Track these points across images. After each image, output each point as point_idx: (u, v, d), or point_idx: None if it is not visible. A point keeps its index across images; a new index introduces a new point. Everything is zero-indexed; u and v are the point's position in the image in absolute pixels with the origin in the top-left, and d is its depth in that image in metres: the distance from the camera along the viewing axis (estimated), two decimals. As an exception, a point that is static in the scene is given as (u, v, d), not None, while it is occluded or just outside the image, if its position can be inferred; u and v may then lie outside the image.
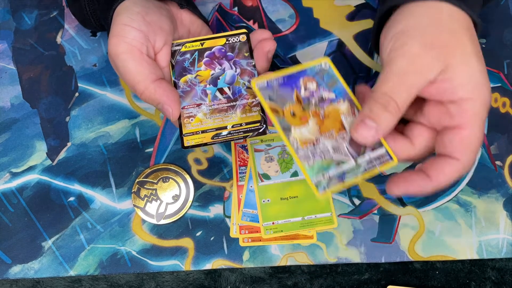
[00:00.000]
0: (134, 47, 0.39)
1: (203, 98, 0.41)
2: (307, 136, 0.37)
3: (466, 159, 0.34)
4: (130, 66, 0.39)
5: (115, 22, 0.40)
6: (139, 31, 0.39)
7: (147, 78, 0.39)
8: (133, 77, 0.39)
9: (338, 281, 0.49)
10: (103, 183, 0.50)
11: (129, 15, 0.39)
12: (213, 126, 0.41)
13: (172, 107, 0.39)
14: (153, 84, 0.39)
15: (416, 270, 0.49)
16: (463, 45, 0.34)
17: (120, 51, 0.39)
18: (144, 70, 0.39)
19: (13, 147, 0.51)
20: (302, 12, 0.55)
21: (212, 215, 0.50)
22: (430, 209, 0.50)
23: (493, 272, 0.49)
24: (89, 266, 0.48)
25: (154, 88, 0.39)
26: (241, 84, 0.41)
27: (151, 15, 0.40)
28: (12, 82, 0.53)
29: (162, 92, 0.39)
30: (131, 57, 0.39)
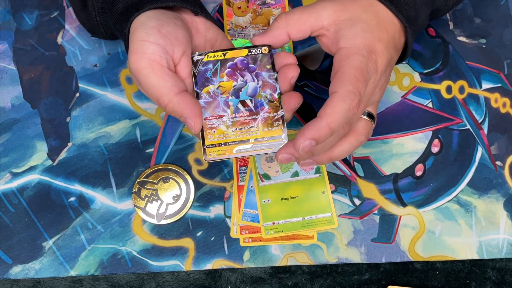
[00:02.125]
0: (154, 61, 0.39)
1: (225, 110, 0.41)
2: (241, 23, 0.53)
3: (342, 89, 0.38)
4: (153, 81, 0.39)
5: (132, 39, 0.40)
6: (157, 45, 0.39)
7: (170, 91, 0.39)
8: (156, 91, 0.39)
9: (339, 281, 0.49)
10: (103, 183, 0.50)
11: (145, 30, 0.40)
12: (235, 139, 0.41)
13: (194, 120, 0.40)
14: (176, 97, 0.39)
15: (417, 270, 0.49)
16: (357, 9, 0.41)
17: (141, 67, 0.39)
18: (166, 83, 0.39)
19: (13, 147, 0.51)
20: (303, 13, 0.55)
21: (213, 215, 0.50)
22: (431, 209, 0.50)
23: (494, 272, 0.49)
24: (90, 266, 0.48)
25: (177, 101, 0.39)
26: (263, 97, 0.41)
27: (166, 27, 0.40)
28: (13, 82, 0.53)
29: (184, 105, 0.40)
30: (152, 72, 0.39)
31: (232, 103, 0.41)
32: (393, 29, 0.42)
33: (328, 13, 0.41)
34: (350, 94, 0.38)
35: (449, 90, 0.53)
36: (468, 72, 0.54)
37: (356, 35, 0.40)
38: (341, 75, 0.39)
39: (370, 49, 0.40)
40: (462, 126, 0.52)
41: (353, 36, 0.40)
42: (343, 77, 0.38)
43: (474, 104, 0.53)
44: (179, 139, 0.51)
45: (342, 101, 0.38)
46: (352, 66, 0.39)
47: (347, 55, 0.39)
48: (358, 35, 0.40)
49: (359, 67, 0.39)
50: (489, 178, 0.51)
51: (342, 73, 0.39)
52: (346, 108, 0.38)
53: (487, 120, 0.52)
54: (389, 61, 0.42)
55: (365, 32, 0.40)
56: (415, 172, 0.51)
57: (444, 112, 0.53)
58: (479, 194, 0.51)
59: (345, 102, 0.38)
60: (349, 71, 0.39)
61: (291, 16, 0.41)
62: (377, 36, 0.41)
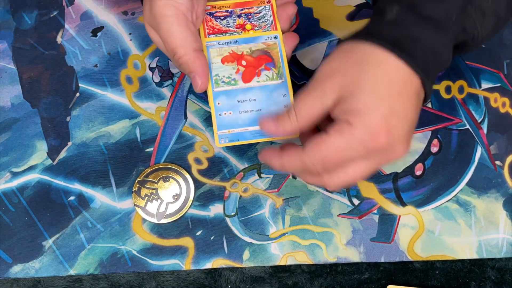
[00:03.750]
0: (181, 12, 0.40)
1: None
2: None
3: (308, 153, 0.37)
4: (176, 31, 0.40)
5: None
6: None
7: (189, 45, 0.40)
8: (177, 41, 0.40)
9: (338, 281, 0.49)
10: (103, 183, 0.50)
11: None
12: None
13: (203, 79, 0.41)
14: (194, 52, 0.40)
15: (416, 269, 0.49)
16: (358, 77, 0.35)
17: (167, 13, 0.39)
18: (189, 37, 0.40)
19: (13, 146, 0.51)
20: (302, 12, 0.55)
21: (212, 215, 0.50)
22: (430, 209, 0.50)
23: (493, 271, 0.49)
24: (89, 266, 0.48)
25: (193, 57, 0.40)
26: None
27: None
28: (12, 81, 0.53)
29: (199, 63, 0.41)
30: (177, 22, 0.40)
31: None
32: (407, 85, 0.36)
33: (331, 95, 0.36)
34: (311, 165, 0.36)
35: (448, 90, 0.53)
36: (468, 72, 0.54)
37: (361, 112, 0.35)
38: (320, 142, 0.36)
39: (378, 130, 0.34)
40: (462, 126, 0.52)
41: (358, 113, 0.35)
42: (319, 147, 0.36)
43: (474, 104, 0.53)
44: (178, 139, 0.51)
45: (301, 163, 0.37)
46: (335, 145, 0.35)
47: (341, 131, 0.35)
48: (364, 112, 0.35)
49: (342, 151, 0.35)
50: (488, 178, 0.51)
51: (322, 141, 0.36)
52: (301, 169, 0.37)
53: (486, 120, 0.52)
54: (411, 124, 0.36)
55: (373, 108, 0.35)
56: (415, 171, 0.51)
57: (443, 112, 0.53)
58: (479, 194, 0.51)
59: (303, 166, 0.37)
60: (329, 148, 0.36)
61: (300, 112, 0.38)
62: (390, 108, 0.35)
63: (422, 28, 0.36)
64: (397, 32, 0.36)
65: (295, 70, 0.53)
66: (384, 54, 0.35)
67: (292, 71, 0.53)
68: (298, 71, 0.53)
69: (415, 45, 0.35)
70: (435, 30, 0.36)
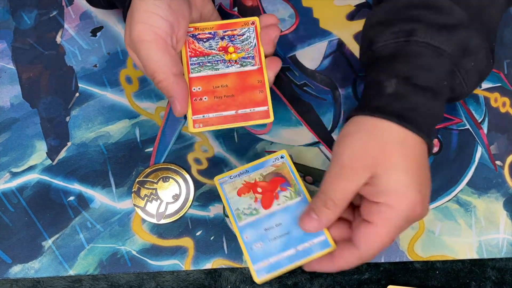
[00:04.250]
0: (160, 37, 0.40)
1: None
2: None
3: (365, 251, 0.38)
4: (154, 56, 0.40)
5: (139, 8, 0.40)
6: (166, 20, 0.40)
7: (169, 70, 0.40)
8: (156, 66, 0.40)
9: (338, 281, 0.49)
10: (103, 183, 0.50)
11: (154, 2, 0.39)
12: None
13: (182, 104, 0.41)
14: (173, 77, 0.40)
15: (416, 270, 0.49)
16: (389, 156, 0.37)
17: (146, 39, 0.39)
18: (168, 62, 0.40)
19: (13, 147, 0.51)
20: (302, 12, 0.55)
21: (212, 215, 0.50)
22: (430, 209, 0.50)
23: (493, 272, 0.49)
24: (89, 266, 0.48)
25: (172, 82, 0.40)
26: None
27: (175, 2, 0.40)
28: (12, 81, 0.53)
29: (178, 88, 0.41)
30: (156, 47, 0.39)
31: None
32: (424, 156, 0.39)
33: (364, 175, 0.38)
34: (370, 256, 0.38)
35: (449, 90, 0.53)
36: (468, 71, 0.54)
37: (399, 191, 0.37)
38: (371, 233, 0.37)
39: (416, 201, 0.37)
40: (462, 126, 0.52)
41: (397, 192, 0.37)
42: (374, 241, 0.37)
43: (474, 104, 0.53)
44: (178, 139, 0.51)
45: (358, 260, 0.38)
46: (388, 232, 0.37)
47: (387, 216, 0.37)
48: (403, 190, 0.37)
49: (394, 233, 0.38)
50: (488, 178, 0.51)
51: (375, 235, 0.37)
52: (360, 263, 0.39)
53: (486, 120, 0.52)
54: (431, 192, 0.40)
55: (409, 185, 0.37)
56: (415, 171, 0.51)
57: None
58: (479, 194, 0.51)
59: (363, 261, 0.38)
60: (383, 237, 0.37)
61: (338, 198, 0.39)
62: (420, 181, 0.38)
63: (420, 98, 0.39)
64: (398, 105, 0.39)
65: (295, 70, 0.53)
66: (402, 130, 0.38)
67: (292, 71, 0.53)
68: (298, 71, 0.53)
69: (416, 114, 0.39)
70: (431, 97, 0.39)
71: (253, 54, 0.44)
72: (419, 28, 0.40)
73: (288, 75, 0.53)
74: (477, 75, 0.44)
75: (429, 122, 0.40)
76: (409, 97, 0.39)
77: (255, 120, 0.43)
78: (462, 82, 0.43)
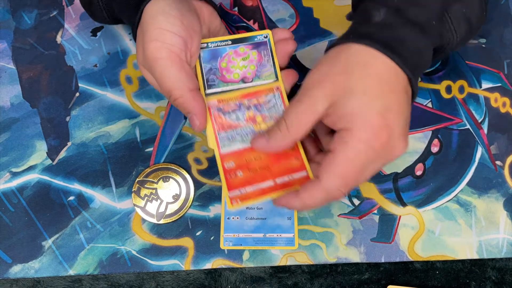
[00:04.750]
0: (174, 54, 0.39)
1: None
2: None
3: (326, 181, 0.36)
4: (170, 73, 0.39)
5: (151, 26, 0.39)
6: (179, 37, 0.39)
7: (184, 86, 0.39)
8: (172, 84, 0.39)
9: (338, 281, 0.49)
10: (103, 183, 0.50)
11: (166, 18, 0.39)
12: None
13: (201, 119, 0.40)
14: (190, 93, 0.40)
15: (417, 270, 0.49)
16: (348, 80, 0.36)
17: (160, 56, 0.39)
18: (183, 78, 0.39)
19: (13, 146, 0.51)
20: (302, 12, 0.55)
21: (212, 215, 0.50)
22: (430, 209, 0.50)
23: (493, 272, 0.49)
24: (89, 266, 0.48)
25: (189, 98, 0.40)
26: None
27: (186, 18, 0.40)
28: (12, 81, 0.53)
29: (195, 103, 0.40)
30: (171, 64, 0.39)
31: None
32: (397, 81, 0.37)
33: (322, 102, 0.36)
34: (335, 190, 0.36)
35: (449, 90, 0.53)
36: (468, 71, 0.54)
37: (358, 114, 0.35)
38: (332, 163, 0.36)
39: (378, 126, 0.35)
40: (462, 126, 0.52)
41: (355, 115, 0.35)
42: (334, 168, 0.36)
43: (474, 104, 0.53)
44: (178, 139, 0.51)
45: (323, 193, 0.36)
46: (347, 158, 0.35)
47: (345, 140, 0.35)
48: (361, 113, 0.35)
49: (355, 161, 0.35)
50: (489, 178, 0.51)
51: (334, 162, 0.36)
52: (325, 198, 0.36)
53: (487, 120, 0.52)
54: (406, 120, 0.37)
55: (368, 107, 0.35)
56: (415, 171, 0.51)
57: (443, 112, 0.53)
58: (479, 194, 0.51)
59: (327, 195, 0.36)
60: (342, 164, 0.35)
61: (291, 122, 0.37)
62: (385, 104, 0.35)
63: (409, 31, 0.37)
64: (386, 34, 0.37)
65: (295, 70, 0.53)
66: (371, 54, 0.36)
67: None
68: (298, 71, 0.53)
69: (403, 46, 0.37)
70: (419, 33, 0.38)
71: None
72: None
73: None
74: (467, 24, 0.42)
75: (414, 58, 0.37)
76: (397, 28, 0.37)
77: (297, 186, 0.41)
78: (452, 28, 0.42)
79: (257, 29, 0.54)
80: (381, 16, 0.38)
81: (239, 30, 0.54)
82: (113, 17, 0.47)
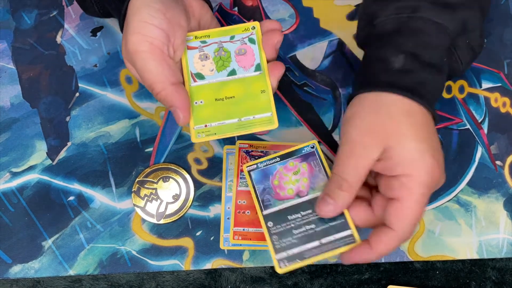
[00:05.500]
0: (155, 47, 0.39)
1: None
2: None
3: (401, 229, 0.37)
4: (151, 66, 0.39)
5: (134, 18, 0.39)
6: (161, 30, 0.39)
7: (166, 79, 0.39)
8: (153, 77, 0.39)
9: (339, 281, 0.49)
10: (103, 183, 0.50)
11: (149, 11, 0.39)
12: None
13: (184, 113, 0.40)
14: (172, 86, 0.39)
15: (417, 270, 0.49)
16: (399, 127, 0.38)
17: (141, 49, 0.38)
18: (165, 71, 0.39)
19: (13, 146, 0.51)
20: (302, 12, 0.55)
21: (212, 215, 0.50)
22: (430, 209, 0.50)
23: (494, 272, 0.49)
24: (89, 266, 0.48)
25: (171, 91, 0.39)
26: None
27: (170, 11, 0.40)
28: (12, 81, 0.53)
29: (178, 96, 0.40)
30: (152, 57, 0.39)
31: None
32: (431, 124, 0.40)
33: (376, 149, 0.38)
34: (407, 233, 0.38)
35: (449, 90, 0.53)
36: (468, 71, 0.54)
37: (416, 158, 0.37)
38: (402, 211, 0.37)
39: (432, 166, 0.37)
40: (462, 126, 0.52)
41: (414, 160, 0.37)
42: (405, 216, 0.37)
43: (474, 104, 0.53)
44: (178, 139, 0.51)
45: (398, 241, 0.38)
46: (416, 203, 0.37)
47: (408, 186, 0.37)
48: (419, 157, 0.37)
49: (421, 203, 0.37)
50: (489, 178, 0.51)
51: (403, 209, 0.37)
52: (399, 244, 0.38)
53: (487, 120, 0.52)
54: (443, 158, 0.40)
55: (423, 151, 0.37)
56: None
57: (443, 111, 0.53)
58: (479, 194, 0.50)
59: (402, 241, 0.38)
60: (411, 210, 0.37)
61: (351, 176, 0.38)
62: (432, 146, 0.38)
63: (427, 73, 0.40)
64: (408, 80, 0.39)
65: (295, 70, 0.53)
66: (405, 102, 0.39)
67: (292, 71, 0.53)
68: (298, 71, 0.53)
69: (425, 89, 0.39)
70: (436, 74, 0.41)
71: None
72: (424, 5, 0.41)
73: (288, 75, 0.53)
74: (471, 52, 0.45)
75: (433, 96, 0.41)
76: (418, 73, 0.39)
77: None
78: (458, 59, 0.45)
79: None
80: (401, 63, 0.40)
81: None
82: (104, 11, 0.47)
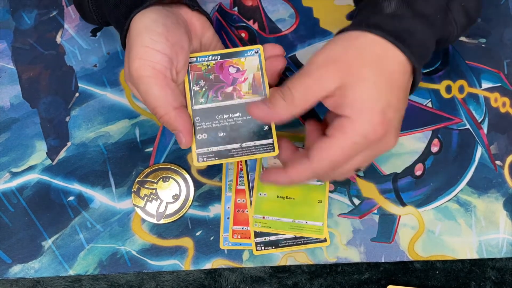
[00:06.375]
0: (158, 72, 0.39)
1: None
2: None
3: (316, 161, 0.37)
4: (154, 91, 0.39)
5: (136, 43, 0.39)
6: (164, 55, 0.39)
7: (169, 104, 0.39)
8: (156, 101, 0.39)
9: (338, 281, 0.49)
10: (102, 183, 0.50)
11: (151, 36, 0.39)
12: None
13: (186, 137, 0.41)
14: (175, 111, 0.40)
15: (416, 269, 0.49)
16: (361, 70, 0.36)
17: (144, 74, 0.39)
18: (168, 96, 0.39)
19: (13, 147, 0.51)
20: (302, 12, 0.55)
21: (212, 215, 0.50)
22: (430, 209, 0.50)
23: (493, 271, 0.49)
24: (89, 266, 0.48)
25: (174, 116, 0.40)
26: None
27: (172, 34, 0.40)
28: (12, 81, 0.53)
29: (181, 121, 0.40)
30: (155, 82, 0.39)
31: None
32: (403, 77, 0.38)
33: (333, 81, 0.36)
34: (322, 172, 0.37)
35: (449, 90, 0.53)
36: (468, 71, 0.54)
37: (363, 104, 0.36)
38: (326, 148, 0.37)
39: (378, 121, 0.36)
40: (462, 126, 0.52)
41: (360, 105, 0.36)
42: (326, 153, 0.37)
43: (474, 104, 0.53)
44: (178, 139, 0.51)
45: (310, 172, 0.38)
46: (342, 147, 0.36)
47: (344, 129, 0.36)
48: (366, 105, 0.36)
49: (349, 150, 0.36)
50: (488, 178, 0.51)
51: (328, 147, 0.37)
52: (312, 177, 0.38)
53: (486, 120, 0.52)
54: (402, 117, 0.39)
55: (374, 101, 0.36)
56: (415, 171, 0.51)
57: (443, 111, 0.53)
58: (479, 194, 0.51)
59: (315, 175, 0.38)
60: (335, 151, 0.36)
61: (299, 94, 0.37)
62: (388, 101, 0.36)
63: (417, 23, 0.38)
64: (397, 25, 0.38)
65: (294, 70, 0.53)
66: (384, 46, 0.37)
67: (292, 71, 0.53)
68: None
69: (412, 38, 0.38)
70: (426, 25, 0.39)
71: None
72: None
73: (288, 75, 0.53)
74: (466, 16, 0.43)
75: (421, 50, 0.39)
76: (408, 20, 0.38)
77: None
78: (453, 20, 0.42)
79: (257, 29, 0.54)
80: (392, 8, 0.38)
81: (239, 30, 0.54)
82: (103, 20, 0.47)
